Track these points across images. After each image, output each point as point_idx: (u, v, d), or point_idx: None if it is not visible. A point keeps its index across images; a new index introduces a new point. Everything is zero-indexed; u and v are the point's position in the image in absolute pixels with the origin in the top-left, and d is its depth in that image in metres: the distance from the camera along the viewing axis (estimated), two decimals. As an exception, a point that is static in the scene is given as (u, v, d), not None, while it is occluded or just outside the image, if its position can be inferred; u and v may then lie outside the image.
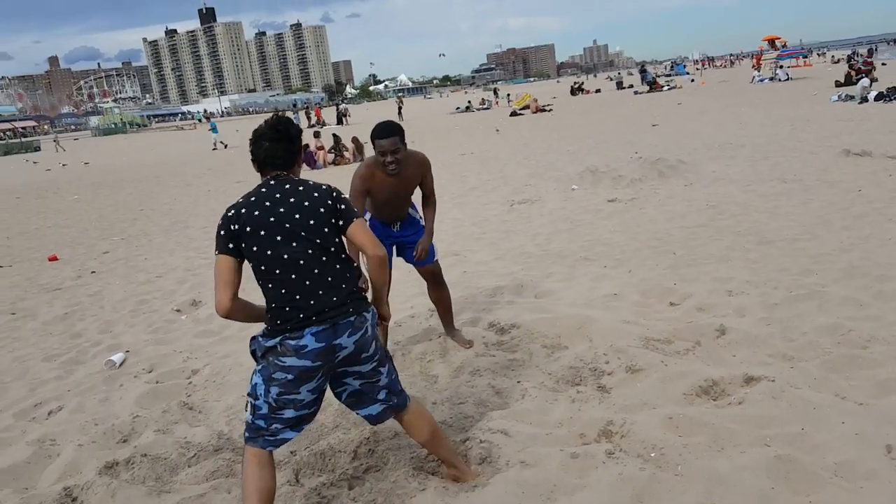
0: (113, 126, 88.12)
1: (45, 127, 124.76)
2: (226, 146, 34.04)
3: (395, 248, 4.65)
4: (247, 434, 2.83)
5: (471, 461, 3.28)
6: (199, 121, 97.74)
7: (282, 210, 2.77)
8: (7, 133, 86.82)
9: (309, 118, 49.81)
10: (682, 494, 2.82)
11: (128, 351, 5.59)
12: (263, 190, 2.82)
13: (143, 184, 20.65)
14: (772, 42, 45.97)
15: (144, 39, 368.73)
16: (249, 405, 2.82)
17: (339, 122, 45.53)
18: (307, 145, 20.44)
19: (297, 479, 3.36)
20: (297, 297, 2.72)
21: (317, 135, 23.01)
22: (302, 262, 2.74)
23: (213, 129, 37.28)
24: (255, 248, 2.73)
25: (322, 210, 2.80)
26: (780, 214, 7.65)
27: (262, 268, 2.75)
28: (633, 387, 3.84)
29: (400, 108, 46.16)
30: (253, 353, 2.85)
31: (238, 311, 2.79)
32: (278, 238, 2.73)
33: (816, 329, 4.30)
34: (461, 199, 11.56)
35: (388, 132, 4.11)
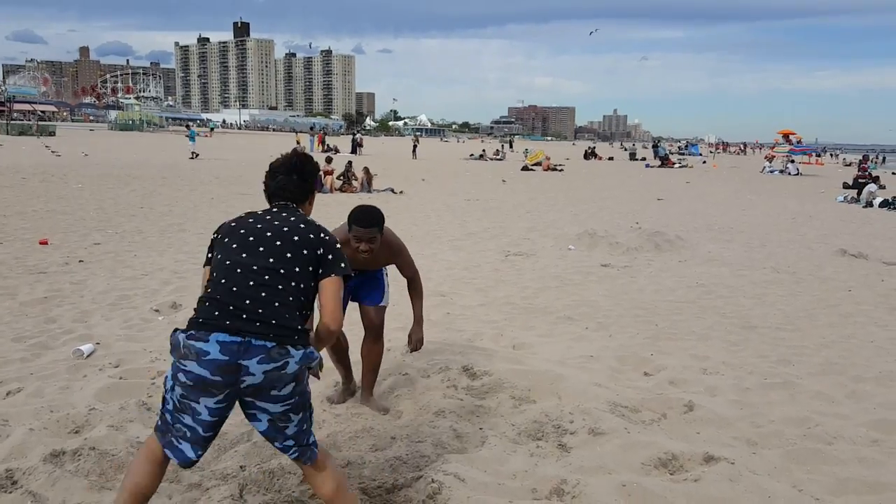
0: (130, 122, 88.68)
1: (64, 113, 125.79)
2: (196, 155, 34.11)
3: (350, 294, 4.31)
4: (158, 423, 2.68)
5: (417, 498, 3.24)
6: (212, 129, 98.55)
7: (261, 227, 2.72)
8: (27, 115, 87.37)
9: (323, 143, 50.26)
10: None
11: (98, 343, 5.55)
12: (260, 212, 2.81)
13: (149, 182, 20.72)
14: (787, 136, 46.63)
15: (176, 43, 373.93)
16: (162, 395, 2.68)
17: (354, 150, 45.91)
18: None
19: (241, 495, 3.31)
20: (222, 294, 2.57)
21: (328, 160, 23.19)
22: (239, 270, 2.61)
23: (191, 138, 37.45)
24: (218, 256, 2.70)
25: (305, 251, 2.69)
26: (767, 302, 7.68)
27: (214, 273, 2.67)
28: (594, 449, 3.81)
29: (415, 147, 46.61)
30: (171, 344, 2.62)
31: None
32: (234, 246, 2.68)
33: (785, 419, 4.28)
34: (458, 243, 11.60)
35: (368, 221, 3.91)
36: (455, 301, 7.49)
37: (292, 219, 2.77)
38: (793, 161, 39.17)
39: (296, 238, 2.70)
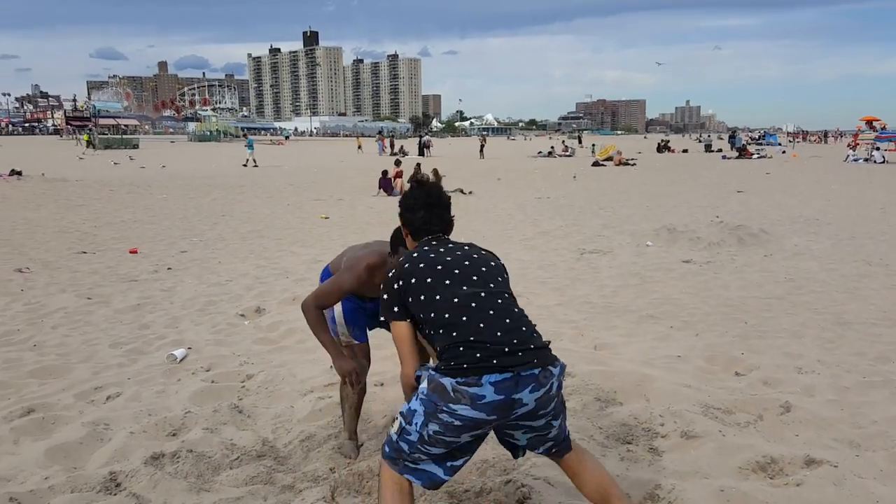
0: (208, 133, 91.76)
1: (146, 126, 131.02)
2: (256, 164, 34.76)
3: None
4: (387, 449, 2.65)
5: (507, 502, 3.21)
6: (287, 137, 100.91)
7: (448, 258, 2.69)
8: (100, 128, 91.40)
9: (393, 146, 50.81)
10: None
11: (190, 348, 5.74)
12: (425, 248, 2.76)
13: (228, 191, 21.35)
14: (870, 123, 44.52)
15: (249, 55, 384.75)
16: (398, 425, 2.59)
17: (421, 153, 46.23)
18: (386, 171, 20.82)
19: (333, 496, 3.35)
20: (472, 337, 2.48)
21: (398, 163, 23.41)
22: (474, 304, 2.56)
23: (250, 146, 38.12)
24: (421, 297, 2.60)
25: (493, 263, 2.77)
26: (860, 297, 7.33)
27: (432, 315, 2.57)
28: (687, 453, 3.70)
29: (482, 147, 46.58)
30: (418, 378, 2.61)
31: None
32: (447, 282, 2.61)
33: (888, 419, 4.06)
34: (531, 242, 11.51)
35: None
36: (532, 301, 7.42)
37: (466, 247, 2.81)
38: (878, 148, 37.32)
39: (492, 263, 2.77)
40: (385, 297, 2.68)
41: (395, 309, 2.66)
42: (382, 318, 2.72)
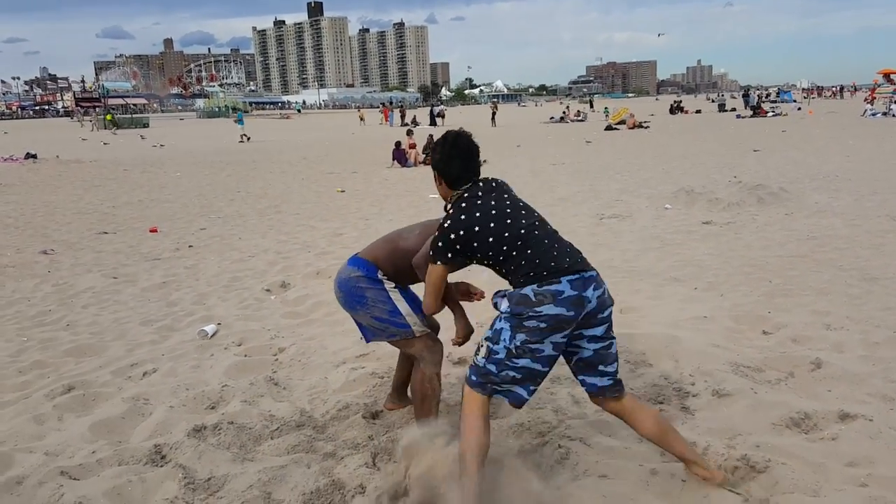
0: (216, 110, 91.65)
1: (154, 105, 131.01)
2: (248, 139, 34.60)
3: None
4: (473, 377, 2.87)
5: (546, 464, 3.27)
6: (298, 111, 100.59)
7: (494, 202, 2.98)
8: (114, 108, 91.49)
9: (403, 117, 50.54)
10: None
11: (219, 323, 5.82)
12: (470, 197, 3.00)
13: (241, 167, 21.40)
14: (887, 76, 43.79)
15: (254, 28, 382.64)
16: (485, 348, 2.85)
17: (433, 122, 45.98)
18: (399, 143, 20.76)
19: (374, 462, 3.41)
20: (543, 254, 2.85)
21: (409, 133, 23.33)
22: (536, 232, 2.92)
23: (240, 121, 37.41)
24: (490, 240, 2.89)
25: (521, 200, 3.09)
26: (886, 252, 7.28)
27: (505, 249, 2.88)
28: (720, 411, 3.73)
29: (494, 114, 46.27)
30: (495, 304, 2.90)
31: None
32: (507, 221, 2.92)
33: (922, 373, 4.07)
34: (549, 209, 11.46)
35: None
36: (555, 267, 7.44)
37: (495, 185, 3.10)
38: (897, 101, 36.78)
39: (521, 200, 3.09)
40: (440, 243, 2.95)
41: (449, 255, 2.95)
42: (431, 254, 3.00)
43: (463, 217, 2.93)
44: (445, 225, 2.95)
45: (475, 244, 2.91)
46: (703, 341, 4.72)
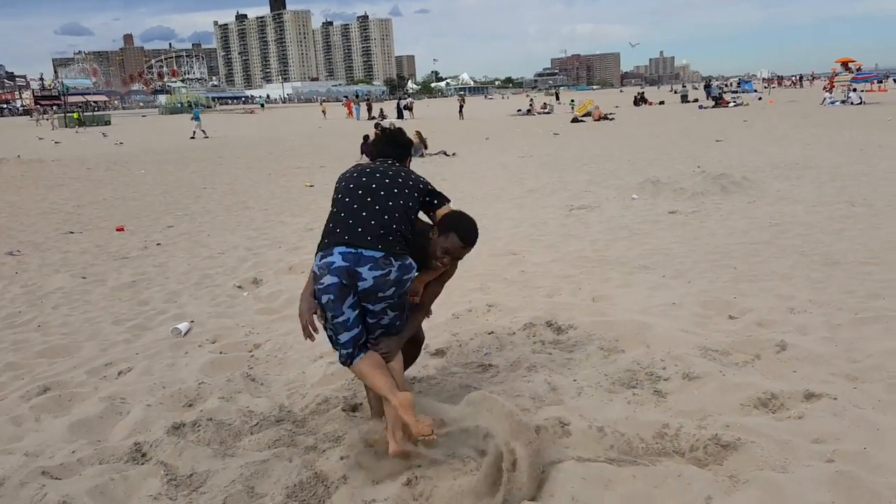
0: (178, 105, 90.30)
1: (115, 102, 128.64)
2: (206, 136, 33.99)
3: None
4: (345, 360, 3.20)
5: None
6: (262, 106, 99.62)
7: (369, 170, 3.32)
8: (80, 106, 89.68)
9: (370, 110, 50.33)
10: (741, 502, 2.82)
11: (192, 321, 5.80)
12: (361, 166, 3.40)
13: (206, 163, 21.18)
14: (845, 64, 44.74)
15: (215, 22, 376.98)
16: (331, 342, 3.25)
17: (400, 115, 45.88)
18: (367, 136, 20.70)
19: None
20: (338, 223, 3.13)
21: (378, 126, 23.27)
22: (356, 205, 3.15)
23: (196, 117, 36.12)
24: (339, 196, 3.25)
25: (411, 183, 3.30)
26: (846, 237, 7.50)
27: (335, 207, 3.22)
28: (691, 393, 3.85)
29: (461, 107, 46.32)
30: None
31: None
32: (362, 180, 3.25)
33: (883, 352, 4.22)
34: (520, 201, 11.59)
35: (475, 238, 3.43)
36: (527, 258, 7.53)
37: (399, 168, 3.40)
38: (854, 90, 37.59)
39: (401, 178, 3.31)
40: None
41: (332, 201, 3.32)
42: None
43: (341, 175, 3.40)
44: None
45: (335, 196, 3.29)
46: (672, 327, 4.84)
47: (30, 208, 13.29)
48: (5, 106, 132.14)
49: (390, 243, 3.09)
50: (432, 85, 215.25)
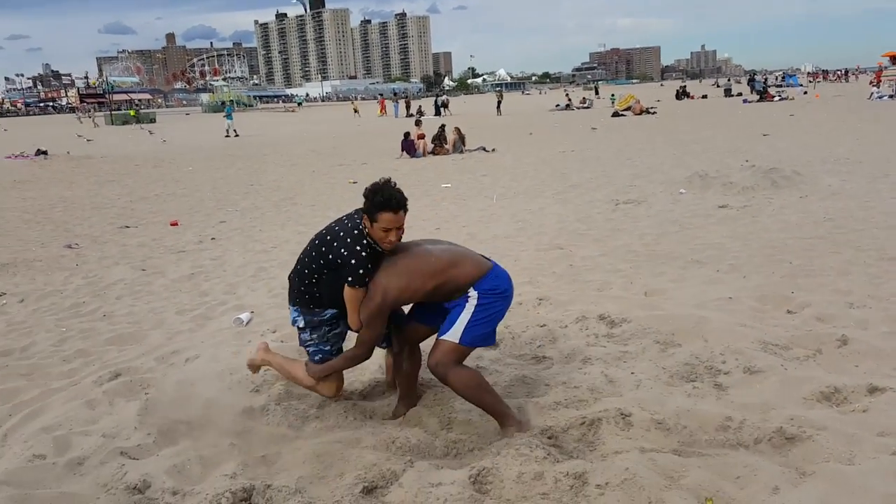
0: (220, 104, 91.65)
1: (159, 100, 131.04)
2: (237, 134, 34.24)
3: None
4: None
5: (588, 438, 3.40)
6: (299, 104, 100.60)
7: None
8: (127, 104, 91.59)
9: (408, 107, 50.53)
10: (808, 493, 2.83)
11: (253, 312, 5.95)
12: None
13: (251, 161, 21.52)
14: (893, 58, 43.58)
15: (256, 21, 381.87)
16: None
17: (438, 112, 45.99)
18: (408, 133, 20.82)
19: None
20: None
21: (418, 123, 23.37)
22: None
23: (228, 115, 36.28)
24: None
25: (311, 241, 3.71)
26: (903, 233, 7.37)
27: None
28: (752, 387, 3.85)
29: (499, 103, 46.27)
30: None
31: None
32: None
33: (947, 347, 4.17)
34: (563, 196, 11.58)
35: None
36: (575, 252, 7.55)
37: (335, 224, 3.66)
38: (903, 84, 36.62)
39: (311, 241, 3.71)
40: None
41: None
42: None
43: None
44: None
45: None
46: (730, 321, 4.83)
47: (84, 203, 13.68)
48: (52, 103, 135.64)
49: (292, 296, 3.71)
50: (469, 81, 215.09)
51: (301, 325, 3.68)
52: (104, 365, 4.83)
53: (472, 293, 3.46)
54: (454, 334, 3.45)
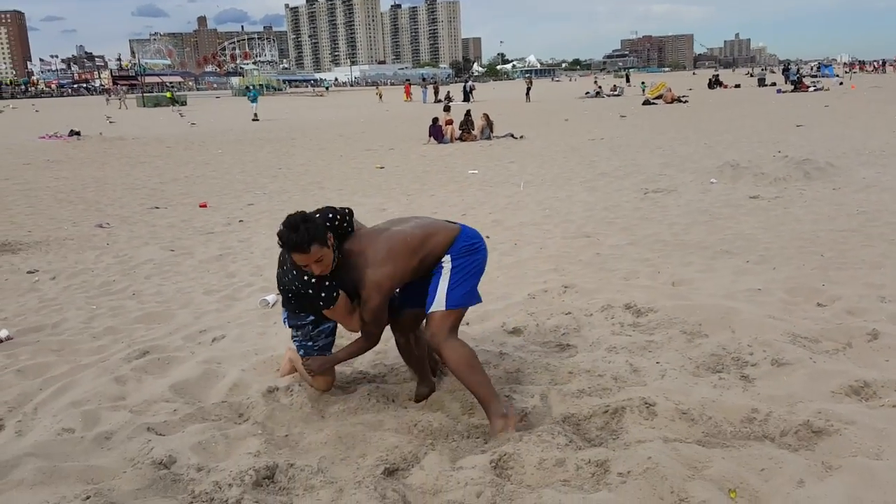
0: (245, 88, 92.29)
1: (190, 83, 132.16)
2: (257, 118, 34.16)
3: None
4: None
5: (611, 426, 3.39)
6: (326, 89, 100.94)
7: None
8: (157, 87, 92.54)
9: (437, 93, 50.43)
10: (834, 487, 2.80)
11: (279, 293, 5.98)
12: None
13: (280, 144, 21.64)
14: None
15: (286, 5, 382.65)
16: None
17: (466, 98, 45.86)
18: (436, 119, 20.79)
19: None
20: None
21: (447, 108, 23.35)
22: None
23: (253, 99, 35.98)
24: None
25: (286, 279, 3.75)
26: (940, 227, 7.21)
27: None
28: (779, 379, 3.80)
29: (528, 90, 45.99)
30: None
31: None
32: None
33: (982, 344, 4.08)
34: (592, 184, 11.50)
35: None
36: (602, 241, 7.50)
37: None
38: (946, 74, 35.68)
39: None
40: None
41: None
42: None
43: None
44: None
45: None
46: (759, 312, 4.76)
47: (115, 183, 13.87)
48: (84, 85, 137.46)
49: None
50: (498, 67, 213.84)
51: (288, 325, 3.86)
52: (132, 342, 4.90)
53: (446, 258, 3.53)
54: (439, 303, 3.47)
